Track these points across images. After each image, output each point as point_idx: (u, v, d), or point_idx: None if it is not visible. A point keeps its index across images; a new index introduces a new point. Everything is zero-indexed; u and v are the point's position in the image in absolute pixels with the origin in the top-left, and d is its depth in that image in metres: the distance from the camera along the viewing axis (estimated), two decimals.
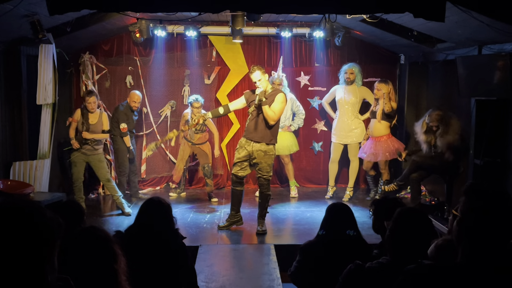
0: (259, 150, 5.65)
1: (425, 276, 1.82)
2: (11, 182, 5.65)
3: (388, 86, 6.87)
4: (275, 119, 5.60)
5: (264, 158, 5.67)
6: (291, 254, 3.54)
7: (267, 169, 5.73)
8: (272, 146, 5.70)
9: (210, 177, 7.30)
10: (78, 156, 6.47)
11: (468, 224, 1.83)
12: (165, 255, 3.04)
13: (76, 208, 3.32)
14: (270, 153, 5.68)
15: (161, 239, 3.06)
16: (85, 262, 1.79)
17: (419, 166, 6.19)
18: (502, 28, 4.41)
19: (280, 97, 5.60)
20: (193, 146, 7.29)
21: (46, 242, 1.41)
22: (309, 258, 3.16)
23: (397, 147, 6.93)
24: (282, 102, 5.61)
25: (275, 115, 5.57)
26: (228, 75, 7.96)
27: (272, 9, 4.76)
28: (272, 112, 5.55)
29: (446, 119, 5.94)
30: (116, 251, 1.87)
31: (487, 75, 5.21)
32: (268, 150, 5.66)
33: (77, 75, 7.64)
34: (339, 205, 3.30)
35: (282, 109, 5.66)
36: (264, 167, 5.71)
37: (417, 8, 4.10)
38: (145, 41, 7.60)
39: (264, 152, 5.65)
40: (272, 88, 5.74)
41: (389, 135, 6.95)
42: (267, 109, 5.54)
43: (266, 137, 5.64)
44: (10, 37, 5.69)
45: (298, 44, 7.96)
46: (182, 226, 5.52)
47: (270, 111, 5.55)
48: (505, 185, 5.28)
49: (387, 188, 6.64)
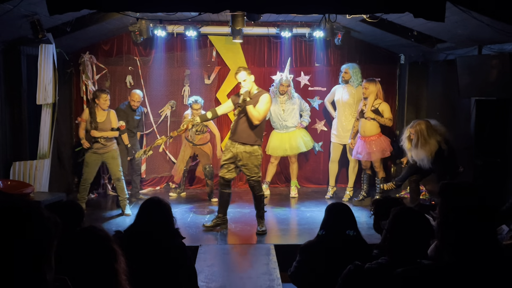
0: (244, 151, 5.65)
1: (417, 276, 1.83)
2: (11, 182, 5.65)
3: (376, 85, 6.83)
4: (260, 119, 5.58)
5: (250, 160, 5.65)
6: (291, 254, 3.53)
7: (254, 170, 5.70)
8: (257, 147, 5.68)
9: (211, 178, 7.30)
10: (90, 156, 6.42)
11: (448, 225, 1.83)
12: (165, 255, 3.03)
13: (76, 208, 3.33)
14: (255, 154, 5.66)
15: (161, 239, 3.06)
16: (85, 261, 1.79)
17: (418, 169, 6.19)
18: (502, 28, 4.41)
19: (265, 98, 5.60)
20: (194, 147, 7.30)
21: (43, 242, 1.41)
22: (309, 258, 3.16)
23: (387, 143, 6.92)
24: (267, 102, 5.61)
25: (260, 115, 5.56)
26: (228, 75, 7.95)
27: (272, 9, 4.76)
28: (257, 112, 5.54)
29: (427, 133, 5.85)
30: (116, 250, 1.87)
31: (487, 75, 5.22)
32: (253, 151, 5.65)
33: (77, 75, 7.64)
34: (339, 205, 3.30)
35: (267, 109, 5.66)
36: (251, 168, 5.68)
37: (417, 8, 4.10)
38: (145, 41, 7.59)
39: (249, 154, 5.64)
40: (258, 89, 5.74)
41: (380, 134, 6.93)
42: (251, 109, 5.54)
43: (250, 138, 5.63)
44: (10, 37, 5.69)
45: (298, 44, 7.96)
46: (182, 226, 5.52)
47: (255, 111, 5.54)
48: (505, 185, 5.28)
49: (386, 186, 6.65)
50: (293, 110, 7.40)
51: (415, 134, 5.89)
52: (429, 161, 5.85)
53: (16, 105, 6.13)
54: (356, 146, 7.04)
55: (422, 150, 5.84)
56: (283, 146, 7.46)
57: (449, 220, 1.84)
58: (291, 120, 7.42)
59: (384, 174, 7.07)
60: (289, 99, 7.36)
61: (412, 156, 6.04)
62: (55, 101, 6.25)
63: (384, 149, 6.88)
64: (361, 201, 7.10)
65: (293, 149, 7.44)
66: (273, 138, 7.59)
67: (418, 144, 5.85)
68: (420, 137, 5.83)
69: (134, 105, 7.07)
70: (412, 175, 6.28)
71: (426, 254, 2.40)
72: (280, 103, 7.38)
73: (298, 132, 7.47)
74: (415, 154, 5.94)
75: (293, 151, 7.48)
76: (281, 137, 7.49)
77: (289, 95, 7.35)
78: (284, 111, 7.37)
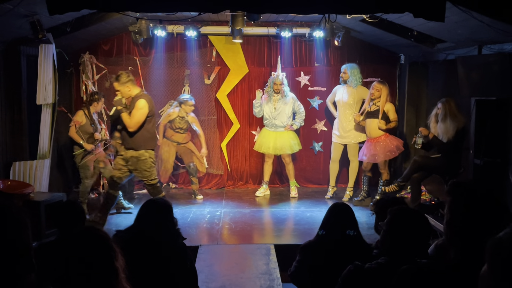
0: (131, 156, 5.69)
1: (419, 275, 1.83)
2: (11, 182, 5.65)
3: (387, 87, 6.85)
4: (132, 126, 5.55)
5: (138, 164, 5.68)
6: (291, 254, 3.54)
7: (146, 174, 5.72)
8: (143, 151, 5.67)
9: (195, 175, 7.39)
10: (90, 160, 6.48)
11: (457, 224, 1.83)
12: (166, 256, 3.03)
13: (76, 208, 3.33)
14: (142, 158, 5.67)
15: (162, 240, 3.06)
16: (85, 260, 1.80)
17: (421, 166, 6.18)
18: (502, 28, 4.41)
19: (139, 104, 5.56)
20: (178, 146, 7.34)
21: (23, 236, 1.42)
22: (309, 258, 3.16)
23: (396, 144, 6.91)
24: (141, 108, 5.57)
25: (131, 122, 5.54)
26: (228, 75, 7.96)
27: (272, 9, 4.76)
28: (129, 120, 5.55)
29: (457, 109, 5.85)
30: (115, 249, 1.87)
31: (487, 75, 5.21)
32: (139, 156, 5.66)
33: (77, 75, 7.65)
34: (340, 205, 3.30)
35: (141, 115, 5.57)
36: (141, 172, 5.72)
37: (417, 8, 4.10)
38: (145, 41, 7.60)
39: (137, 158, 5.67)
40: (139, 93, 5.68)
41: (386, 134, 6.92)
42: (125, 117, 5.57)
43: (134, 143, 5.65)
44: (10, 37, 5.69)
45: (298, 44, 7.96)
46: (182, 226, 5.50)
47: (127, 118, 5.56)
48: (505, 185, 5.28)
49: (388, 188, 6.63)
50: (284, 110, 7.35)
51: (442, 109, 5.87)
52: (452, 135, 5.80)
53: (16, 105, 6.13)
54: (362, 148, 7.05)
55: (450, 123, 5.81)
56: (267, 144, 7.45)
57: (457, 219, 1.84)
58: (280, 119, 7.38)
59: (388, 176, 7.04)
60: (282, 98, 7.34)
61: (438, 130, 5.96)
62: (55, 101, 6.24)
63: (390, 150, 6.85)
64: (361, 201, 7.11)
65: (276, 149, 7.42)
66: (261, 134, 7.62)
67: (447, 118, 5.83)
68: (449, 111, 5.81)
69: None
70: (415, 173, 6.26)
71: (427, 254, 2.40)
72: (273, 101, 7.36)
73: (286, 134, 7.43)
74: (441, 127, 5.88)
75: (276, 151, 7.46)
76: (268, 135, 7.49)
77: (282, 93, 7.33)
78: (276, 110, 7.35)
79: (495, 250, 1.39)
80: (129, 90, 5.63)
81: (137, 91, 5.71)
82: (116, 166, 5.83)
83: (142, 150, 5.66)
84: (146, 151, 5.69)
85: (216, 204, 7.19)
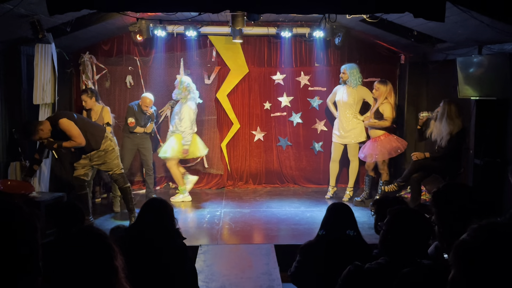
0: (97, 153, 5.83)
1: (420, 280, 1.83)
2: (11, 182, 5.64)
3: (387, 86, 6.84)
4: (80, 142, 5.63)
5: (107, 156, 5.85)
6: (291, 254, 3.53)
7: (115, 163, 5.92)
8: (107, 144, 5.84)
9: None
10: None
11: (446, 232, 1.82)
12: (165, 256, 3.04)
13: (76, 208, 3.34)
14: (109, 149, 5.87)
15: (162, 239, 3.06)
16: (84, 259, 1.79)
17: (421, 166, 6.18)
18: (502, 28, 4.41)
19: (63, 125, 5.57)
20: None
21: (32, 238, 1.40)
22: (309, 258, 3.16)
23: (395, 145, 6.90)
24: (68, 126, 5.59)
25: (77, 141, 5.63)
26: (228, 75, 7.96)
27: (272, 9, 4.75)
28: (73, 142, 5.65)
29: (456, 111, 5.84)
30: (115, 249, 1.87)
31: (487, 75, 5.21)
32: (106, 148, 5.84)
33: (77, 75, 7.64)
34: (339, 205, 3.30)
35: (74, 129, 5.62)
36: (110, 163, 5.89)
37: (417, 8, 4.10)
38: (145, 41, 7.60)
39: (104, 151, 5.84)
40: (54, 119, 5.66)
41: (386, 134, 6.92)
42: (68, 144, 5.68)
43: (93, 146, 5.78)
44: (10, 37, 5.68)
45: (298, 44, 7.96)
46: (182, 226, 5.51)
47: (71, 143, 5.65)
48: (505, 185, 5.28)
49: (387, 188, 6.63)
50: (176, 113, 7.16)
51: (442, 108, 5.86)
52: (446, 139, 5.80)
53: (16, 105, 6.13)
54: (364, 146, 7.05)
55: (444, 125, 5.81)
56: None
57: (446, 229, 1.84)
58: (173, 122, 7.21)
59: (388, 177, 7.04)
60: (183, 103, 7.12)
61: (432, 132, 5.97)
62: (55, 101, 6.24)
63: (390, 150, 6.85)
64: (361, 202, 7.10)
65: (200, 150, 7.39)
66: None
67: (443, 118, 5.83)
68: (447, 113, 5.81)
69: (147, 111, 7.03)
70: (415, 173, 6.26)
71: (426, 254, 2.40)
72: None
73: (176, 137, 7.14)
74: (437, 126, 5.88)
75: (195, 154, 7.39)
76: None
77: (186, 98, 7.10)
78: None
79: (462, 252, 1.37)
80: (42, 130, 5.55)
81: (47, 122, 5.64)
82: (78, 167, 5.88)
83: (105, 144, 5.83)
84: (107, 142, 5.84)
85: (216, 204, 7.19)
